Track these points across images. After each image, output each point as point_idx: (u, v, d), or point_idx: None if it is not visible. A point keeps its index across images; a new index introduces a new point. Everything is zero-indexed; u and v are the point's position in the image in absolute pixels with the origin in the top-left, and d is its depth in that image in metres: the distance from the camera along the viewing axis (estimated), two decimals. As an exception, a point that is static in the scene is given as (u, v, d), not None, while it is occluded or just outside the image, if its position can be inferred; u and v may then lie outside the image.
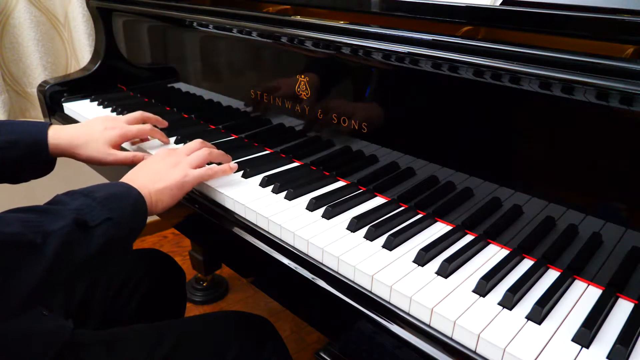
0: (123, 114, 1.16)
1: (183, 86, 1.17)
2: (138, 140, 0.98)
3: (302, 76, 0.85)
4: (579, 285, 0.60)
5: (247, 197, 0.77)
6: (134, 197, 0.66)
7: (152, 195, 0.70)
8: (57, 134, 0.84)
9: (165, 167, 0.75)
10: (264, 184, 0.81)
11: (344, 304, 0.61)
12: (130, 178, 0.73)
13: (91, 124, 0.89)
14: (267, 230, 0.72)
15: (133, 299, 0.93)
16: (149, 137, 0.99)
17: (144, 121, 0.95)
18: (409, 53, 0.68)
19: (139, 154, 0.87)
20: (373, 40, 0.72)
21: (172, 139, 1.00)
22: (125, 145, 0.98)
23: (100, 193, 0.62)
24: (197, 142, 0.83)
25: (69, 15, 1.48)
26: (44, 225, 0.54)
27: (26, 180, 0.85)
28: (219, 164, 0.84)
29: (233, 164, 0.82)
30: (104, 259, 0.61)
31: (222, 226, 0.77)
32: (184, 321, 0.84)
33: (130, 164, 0.86)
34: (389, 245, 0.65)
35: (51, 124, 0.86)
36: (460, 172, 0.70)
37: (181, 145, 0.94)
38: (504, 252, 0.65)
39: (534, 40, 0.59)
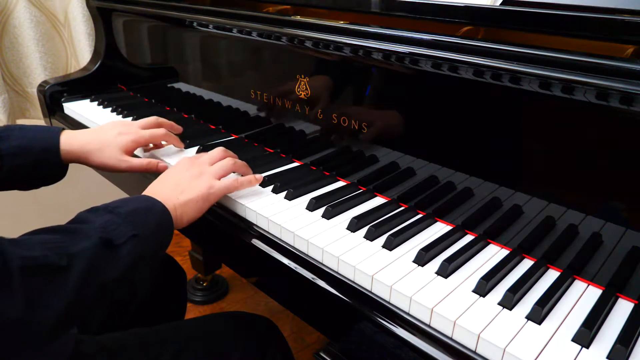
0: (123, 114, 1.16)
1: (183, 86, 1.17)
2: (151, 146, 0.95)
3: (302, 76, 0.85)
4: (579, 285, 0.60)
5: (247, 197, 0.77)
6: (158, 212, 0.64)
7: (177, 208, 0.67)
8: (69, 140, 0.82)
9: (189, 178, 0.72)
10: (264, 184, 0.81)
11: (344, 304, 0.61)
12: (154, 191, 0.70)
13: (104, 129, 0.87)
14: (267, 230, 0.72)
15: (134, 299, 0.93)
16: (163, 142, 0.95)
17: (158, 126, 0.92)
18: (409, 53, 0.68)
19: (153, 160, 0.85)
20: (373, 40, 0.72)
21: (172, 139, 1.00)
22: (137, 152, 0.95)
23: (124, 208, 0.60)
24: (220, 150, 0.80)
25: (69, 15, 1.48)
26: (68, 246, 0.52)
27: (37, 187, 0.83)
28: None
29: (259, 175, 0.79)
30: (129, 279, 0.58)
31: (222, 226, 0.77)
32: (186, 324, 0.82)
33: (144, 171, 0.85)
34: (389, 245, 0.65)
35: (63, 129, 0.84)
36: (460, 172, 0.70)
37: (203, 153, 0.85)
38: (504, 252, 0.65)
39: (534, 40, 0.59)
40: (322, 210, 0.73)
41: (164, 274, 1.01)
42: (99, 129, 0.88)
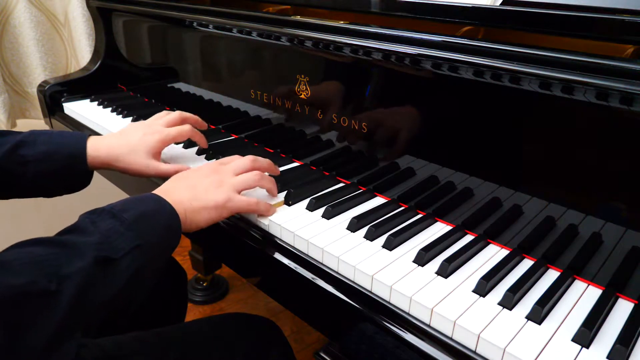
0: (123, 114, 1.16)
1: (183, 86, 1.17)
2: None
3: (302, 76, 0.85)
4: (579, 285, 0.60)
5: (248, 197, 0.77)
6: (167, 215, 0.61)
7: (188, 213, 0.64)
8: (96, 146, 0.80)
9: (208, 185, 0.69)
10: (264, 184, 0.81)
11: (344, 304, 0.61)
12: (167, 190, 0.67)
13: (130, 132, 0.85)
14: (267, 230, 0.72)
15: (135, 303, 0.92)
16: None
17: (183, 122, 0.89)
18: (409, 53, 0.68)
19: (183, 167, 0.82)
20: (373, 40, 0.72)
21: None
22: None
23: (129, 213, 0.57)
24: (248, 160, 0.75)
25: (69, 15, 1.48)
26: (59, 266, 0.48)
27: (61, 194, 0.81)
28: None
29: (273, 207, 0.74)
30: (132, 290, 0.56)
31: (222, 225, 0.77)
32: (188, 326, 0.81)
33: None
34: (389, 245, 0.65)
35: (90, 134, 0.82)
36: (460, 172, 0.70)
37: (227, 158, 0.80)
38: (504, 252, 0.65)
39: (534, 40, 0.59)
40: (322, 210, 0.73)
41: (164, 274, 1.01)
42: (125, 131, 0.86)
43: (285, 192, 0.78)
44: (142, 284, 0.58)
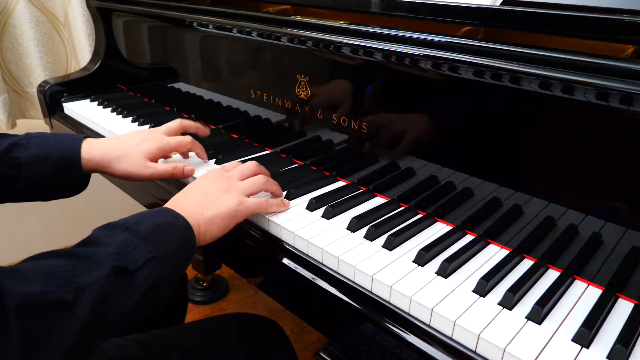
0: (123, 114, 1.16)
1: (183, 86, 1.17)
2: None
3: (302, 76, 0.85)
4: (579, 285, 0.60)
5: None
6: (181, 228, 0.59)
7: (201, 224, 0.63)
8: (91, 148, 0.78)
9: (217, 192, 0.67)
10: (264, 184, 0.81)
11: (343, 304, 0.61)
12: (178, 203, 0.66)
13: (127, 137, 0.83)
14: (267, 230, 0.72)
15: None
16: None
17: (183, 130, 0.88)
18: (409, 53, 0.68)
19: (179, 164, 0.81)
20: (373, 40, 0.72)
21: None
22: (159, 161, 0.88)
23: (143, 225, 0.56)
24: (253, 164, 0.75)
25: (69, 15, 1.48)
26: (75, 277, 0.47)
27: (57, 197, 0.80)
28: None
29: (287, 201, 0.74)
30: (148, 304, 0.54)
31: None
32: (191, 327, 0.80)
33: (170, 177, 0.82)
34: (389, 245, 0.65)
35: (85, 136, 0.80)
36: (460, 172, 0.70)
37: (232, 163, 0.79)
38: (504, 252, 0.65)
39: (534, 40, 0.59)
40: (322, 210, 0.73)
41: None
42: (122, 136, 0.84)
43: (286, 192, 0.78)
44: (158, 297, 0.56)
